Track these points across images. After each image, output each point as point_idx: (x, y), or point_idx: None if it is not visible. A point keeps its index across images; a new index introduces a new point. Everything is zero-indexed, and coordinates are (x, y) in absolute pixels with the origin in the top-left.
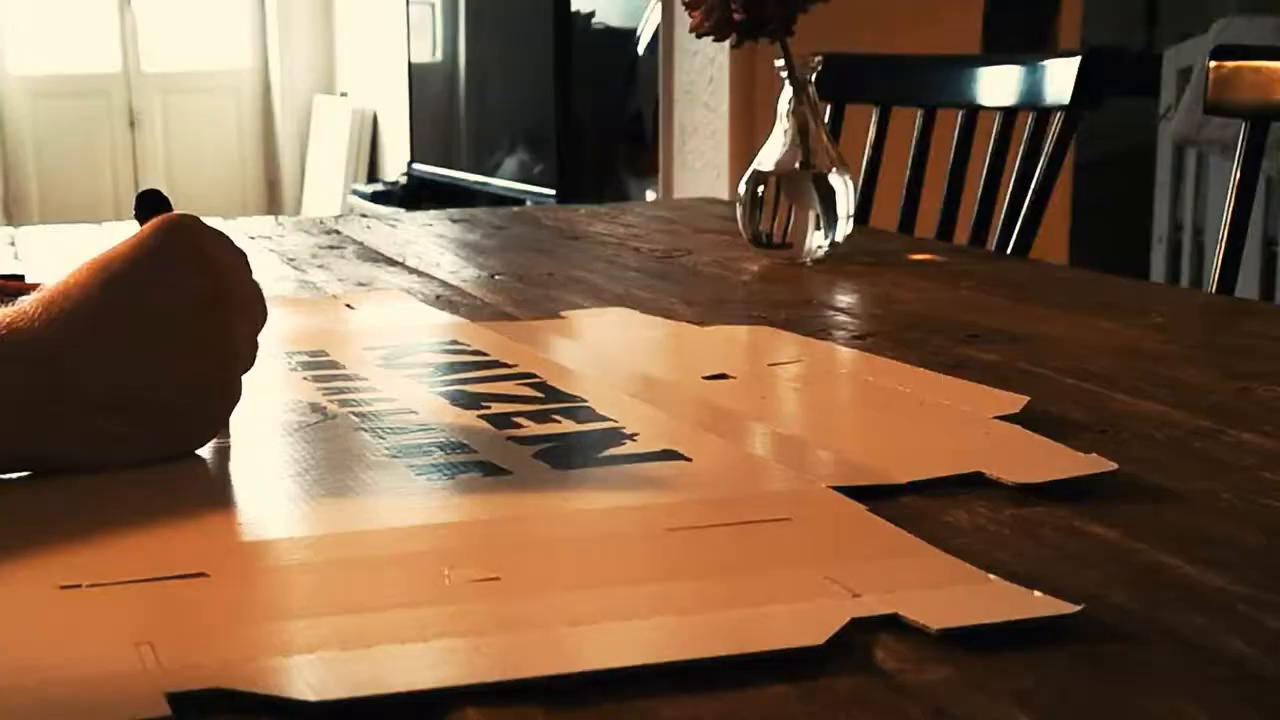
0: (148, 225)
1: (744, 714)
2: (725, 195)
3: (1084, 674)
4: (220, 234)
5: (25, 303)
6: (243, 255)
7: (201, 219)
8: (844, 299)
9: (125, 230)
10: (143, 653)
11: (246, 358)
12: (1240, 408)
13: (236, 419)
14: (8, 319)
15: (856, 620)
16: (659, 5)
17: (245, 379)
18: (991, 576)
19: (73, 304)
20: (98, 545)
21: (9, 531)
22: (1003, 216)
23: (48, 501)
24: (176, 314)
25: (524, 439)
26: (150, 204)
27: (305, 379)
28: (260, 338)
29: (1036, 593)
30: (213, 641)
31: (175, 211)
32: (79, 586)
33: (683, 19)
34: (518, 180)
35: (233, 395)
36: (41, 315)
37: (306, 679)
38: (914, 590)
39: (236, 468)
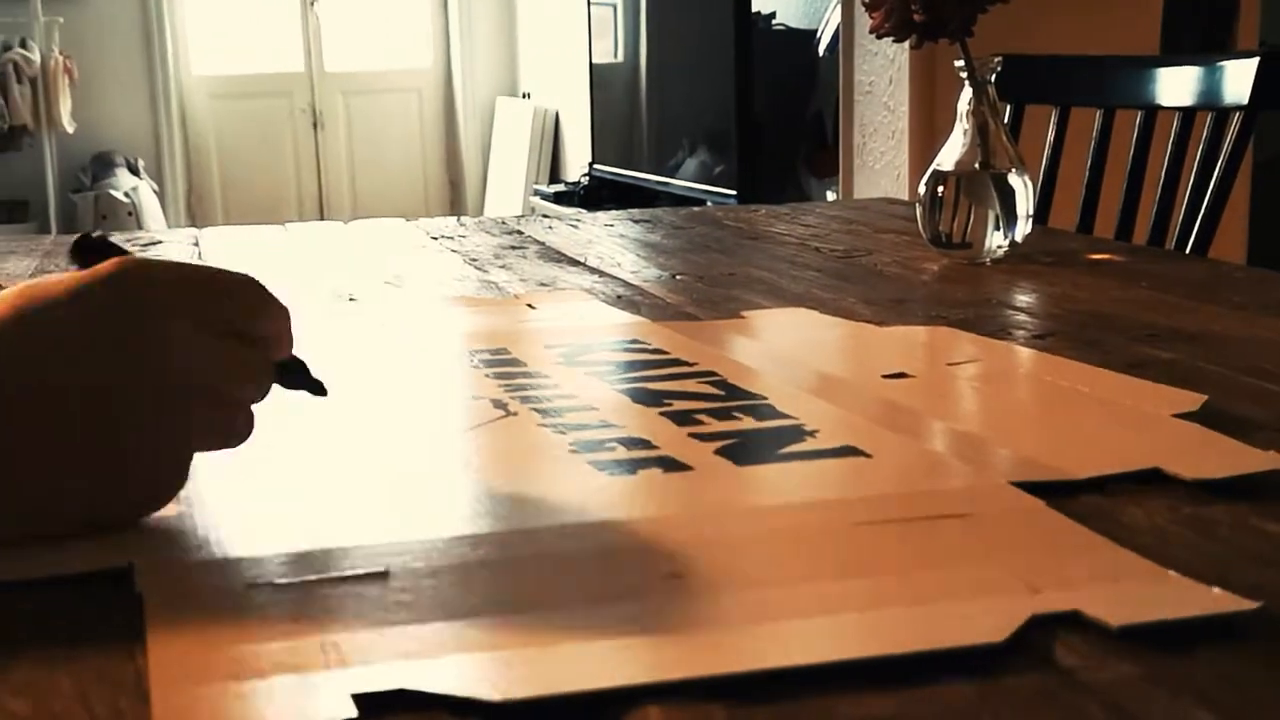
0: (98, 270)
1: (924, 712)
2: (905, 196)
3: (1264, 672)
4: (196, 288)
5: None
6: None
7: (157, 264)
8: (1023, 299)
9: (309, 232)
10: (327, 652)
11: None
12: None
13: (420, 414)
14: None
15: (1036, 617)
16: (839, 6)
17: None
18: (1170, 573)
19: None
20: (280, 544)
21: (193, 529)
22: (1181, 216)
23: (228, 498)
24: (82, 397)
25: (705, 435)
26: (89, 250)
27: (487, 376)
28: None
29: (1215, 589)
30: (395, 640)
31: (128, 256)
32: (266, 584)
33: (863, 19)
34: (698, 181)
35: (148, 499)
36: None
37: (489, 678)
38: (1093, 587)
39: (419, 464)
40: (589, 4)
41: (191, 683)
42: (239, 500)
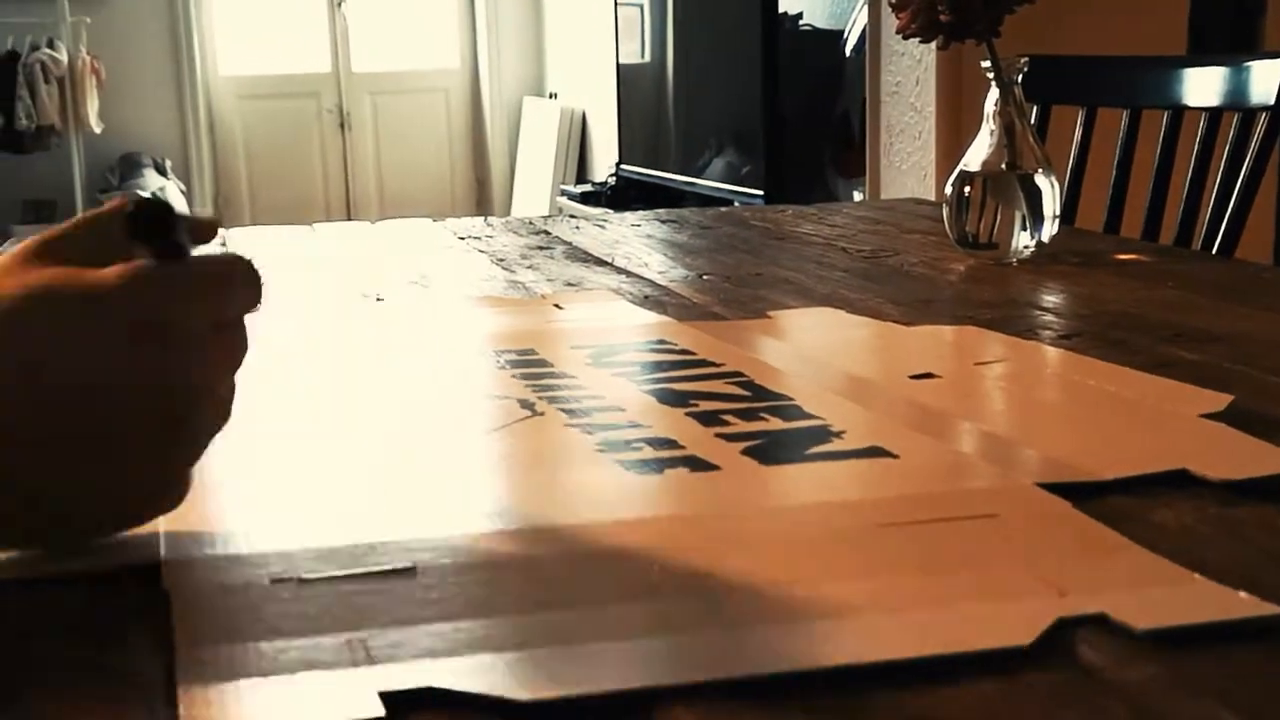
0: (114, 273)
1: (950, 710)
2: (932, 196)
3: None
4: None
5: None
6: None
7: (166, 271)
8: (1049, 299)
9: (337, 232)
10: (354, 649)
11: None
12: None
13: (448, 413)
14: None
15: (1063, 619)
16: (866, 6)
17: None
18: (1197, 576)
19: None
20: (306, 540)
21: (219, 525)
22: (1208, 216)
23: (254, 495)
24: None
25: (732, 436)
26: (148, 220)
27: (514, 376)
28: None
29: (1242, 593)
30: (422, 638)
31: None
32: (291, 580)
33: (890, 20)
34: (725, 181)
35: (149, 508)
36: None
37: (517, 677)
38: (1120, 589)
39: (445, 463)
40: (616, 4)
41: (218, 679)
42: (265, 497)
